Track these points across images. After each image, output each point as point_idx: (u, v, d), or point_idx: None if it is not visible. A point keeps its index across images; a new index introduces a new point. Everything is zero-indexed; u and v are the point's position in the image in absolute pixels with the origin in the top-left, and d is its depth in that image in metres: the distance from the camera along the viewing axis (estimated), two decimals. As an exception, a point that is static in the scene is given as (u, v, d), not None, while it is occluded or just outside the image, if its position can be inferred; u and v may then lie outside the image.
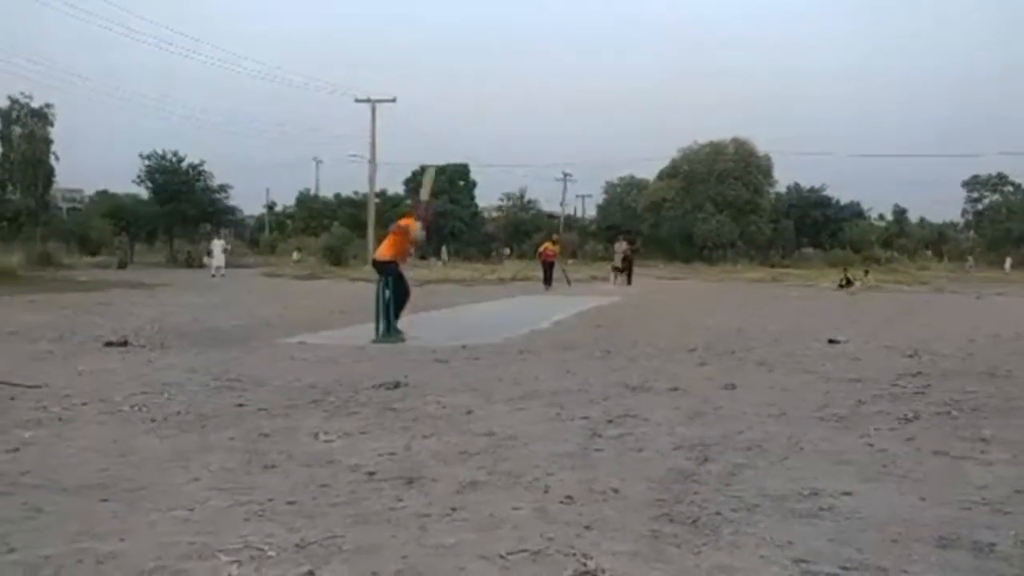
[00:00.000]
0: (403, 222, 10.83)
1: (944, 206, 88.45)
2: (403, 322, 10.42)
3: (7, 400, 5.66)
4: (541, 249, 27.08)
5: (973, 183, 67.01)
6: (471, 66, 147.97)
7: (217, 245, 32.82)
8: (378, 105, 43.12)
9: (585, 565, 2.77)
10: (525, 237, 62.64)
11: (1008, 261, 52.70)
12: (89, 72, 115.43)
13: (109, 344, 8.93)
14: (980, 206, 68.04)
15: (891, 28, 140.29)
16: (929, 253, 64.13)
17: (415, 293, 11.26)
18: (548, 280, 25.06)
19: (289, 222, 70.83)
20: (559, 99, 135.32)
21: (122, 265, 36.65)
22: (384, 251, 10.67)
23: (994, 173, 65.63)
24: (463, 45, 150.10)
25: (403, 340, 9.76)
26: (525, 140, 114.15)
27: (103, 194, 59.55)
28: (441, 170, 66.40)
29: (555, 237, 31.42)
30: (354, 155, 47.98)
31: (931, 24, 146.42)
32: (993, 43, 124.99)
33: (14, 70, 66.76)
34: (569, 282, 25.62)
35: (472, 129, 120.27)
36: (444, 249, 53.31)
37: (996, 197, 67.22)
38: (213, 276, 29.75)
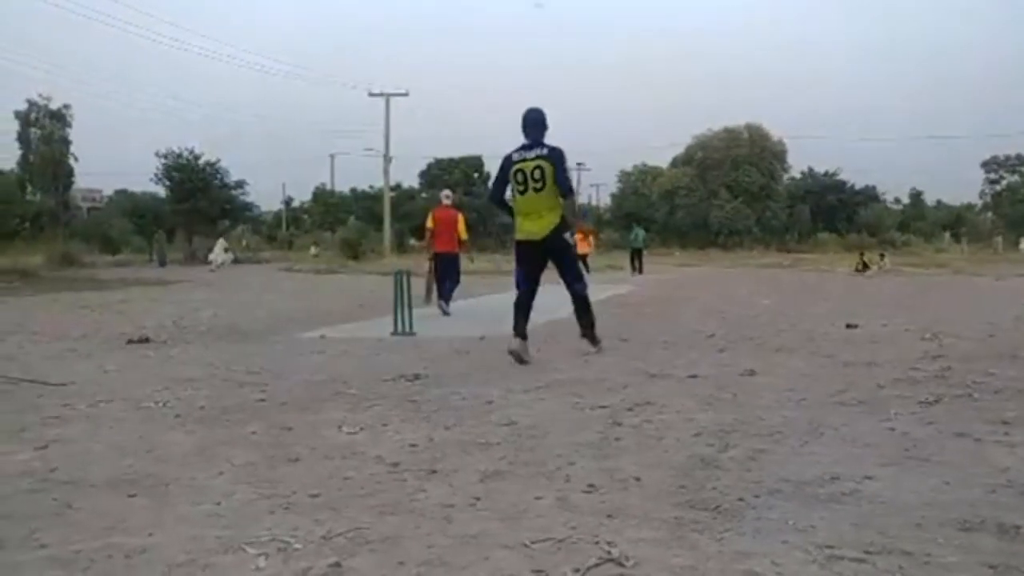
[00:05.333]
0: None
1: (961, 188, 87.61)
2: (423, 312, 11.33)
3: (35, 398, 5.74)
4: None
5: (992, 164, 66.32)
6: (482, 58, 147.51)
7: (219, 245, 36.44)
8: (392, 99, 43.19)
9: (609, 553, 2.78)
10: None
11: (1023, 241, 52.03)
12: (104, 72, 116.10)
13: (131, 341, 9.02)
14: (999, 187, 67.31)
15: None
16: (947, 236, 63.37)
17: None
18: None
19: (306, 217, 71.16)
20: (571, 89, 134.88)
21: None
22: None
23: (1013, 154, 64.93)
24: (474, 37, 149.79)
25: None
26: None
27: (122, 193, 60.04)
28: (455, 163, 66.76)
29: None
30: (369, 149, 48.11)
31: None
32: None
33: (31, 73, 67.28)
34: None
35: (485, 121, 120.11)
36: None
37: (1015, 178, 66.48)
38: (213, 271, 32.45)
